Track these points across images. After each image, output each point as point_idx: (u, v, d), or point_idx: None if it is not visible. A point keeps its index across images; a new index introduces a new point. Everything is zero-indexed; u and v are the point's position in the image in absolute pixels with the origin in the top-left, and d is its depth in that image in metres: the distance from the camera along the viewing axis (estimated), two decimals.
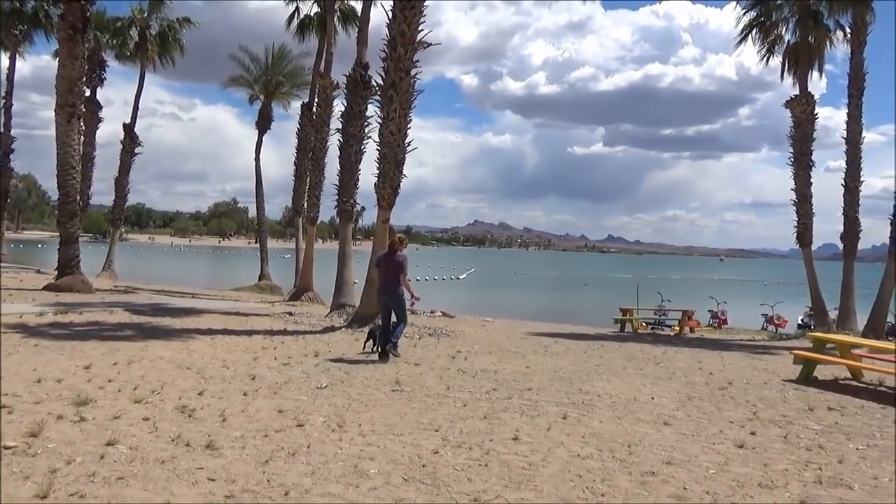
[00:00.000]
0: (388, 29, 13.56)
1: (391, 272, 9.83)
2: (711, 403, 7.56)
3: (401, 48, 13.38)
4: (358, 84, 16.80)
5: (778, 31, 20.28)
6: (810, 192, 19.19)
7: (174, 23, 29.88)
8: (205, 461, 4.65)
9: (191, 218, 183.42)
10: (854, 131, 18.29)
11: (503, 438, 5.62)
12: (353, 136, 16.92)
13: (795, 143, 19.24)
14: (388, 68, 13.60)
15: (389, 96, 13.51)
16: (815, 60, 19.86)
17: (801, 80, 19.56)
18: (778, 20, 20.20)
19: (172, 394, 6.64)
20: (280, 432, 5.48)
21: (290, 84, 32.15)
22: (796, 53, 19.78)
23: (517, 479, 4.64)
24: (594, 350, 12.21)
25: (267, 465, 4.65)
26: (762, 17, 20.25)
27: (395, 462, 4.87)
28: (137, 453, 4.73)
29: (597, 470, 4.92)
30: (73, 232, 19.31)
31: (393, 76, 13.50)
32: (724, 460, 5.32)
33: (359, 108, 16.88)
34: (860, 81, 18.37)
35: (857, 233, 18.33)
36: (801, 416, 7.07)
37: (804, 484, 4.84)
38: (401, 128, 13.58)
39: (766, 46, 20.41)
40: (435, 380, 8.22)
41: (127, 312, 14.13)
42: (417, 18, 13.46)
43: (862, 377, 9.62)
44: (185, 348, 9.71)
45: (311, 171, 23.45)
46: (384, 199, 13.75)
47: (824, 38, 19.67)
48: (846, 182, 18.33)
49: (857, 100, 18.34)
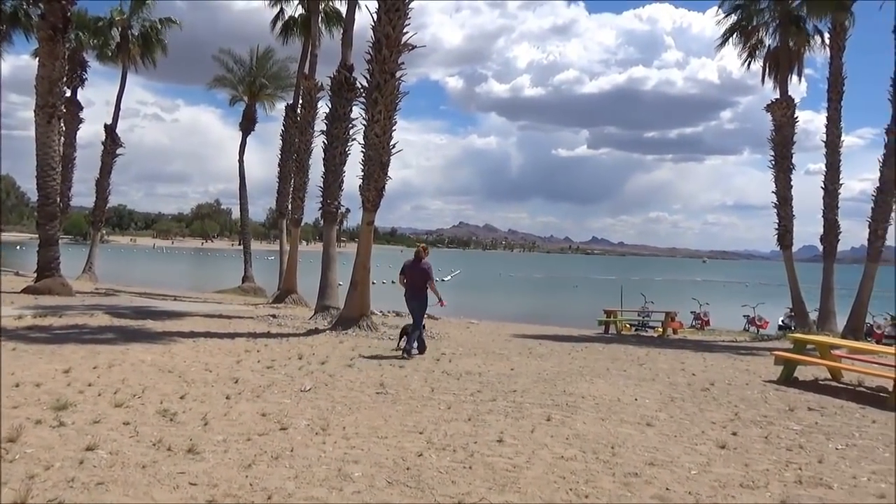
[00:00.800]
0: (373, 31, 13.53)
1: (419, 278, 10.70)
2: (694, 404, 7.62)
3: (385, 50, 13.35)
4: (342, 86, 16.74)
5: (759, 35, 20.50)
6: (791, 194, 19.39)
7: (156, 23, 29.63)
8: (186, 465, 4.61)
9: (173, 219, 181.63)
10: (833, 135, 18.53)
11: (487, 440, 5.63)
12: (338, 137, 16.85)
13: (776, 146, 19.44)
14: (372, 70, 13.56)
15: (374, 98, 13.47)
16: (795, 65, 20.11)
17: (782, 84, 19.79)
18: (759, 25, 20.41)
19: (154, 398, 6.57)
20: (263, 436, 5.45)
21: (274, 85, 32.01)
22: (777, 58, 20.01)
23: (501, 480, 4.65)
24: (578, 352, 12.25)
25: (249, 469, 4.61)
26: (743, 21, 20.46)
27: (379, 465, 4.86)
28: (117, 458, 4.68)
29: (580, 471, 4.94)
30: (53, 234, 19.08)
31: (378, 78, 13.47)
32: (706, 461, 5.36)
33: (343, 109, 16.81)
34: (839, 86, 18.61)
35: (836, 235, 18.55)
36: (781, 417, 7.14)
37: (785, 484, 4.89)
38: (385, 130, 13.55)
39: (747, 51, 20.64)
40: (419, 382, 8.21)
41: (108, 315, 13.98)
42: (402, 21, 13.44)
43: (842, 377, 9.75)
44: (167, 351, 9.61)
45: (295, 173, 23.32)
46: (369, 200, 13.71)
47: (804, 43, 19.92)
48: (826, 185, 18.54)
49: (836, 104, 18.59)
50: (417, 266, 10.77)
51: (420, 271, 10.72)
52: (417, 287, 10.73)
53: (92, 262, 28.99)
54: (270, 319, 15.45)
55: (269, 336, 12.24)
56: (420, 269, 10.72)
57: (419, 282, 10.72)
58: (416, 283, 10.74)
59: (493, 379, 8.67)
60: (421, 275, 10.71)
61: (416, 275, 10.74)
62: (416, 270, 10.75)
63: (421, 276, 10.71)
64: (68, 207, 30.54)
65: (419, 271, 10.72)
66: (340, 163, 17.06)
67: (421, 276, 10.71)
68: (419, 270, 10.72)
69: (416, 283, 10.73)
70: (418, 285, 10.73)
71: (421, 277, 10.71)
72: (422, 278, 10.71)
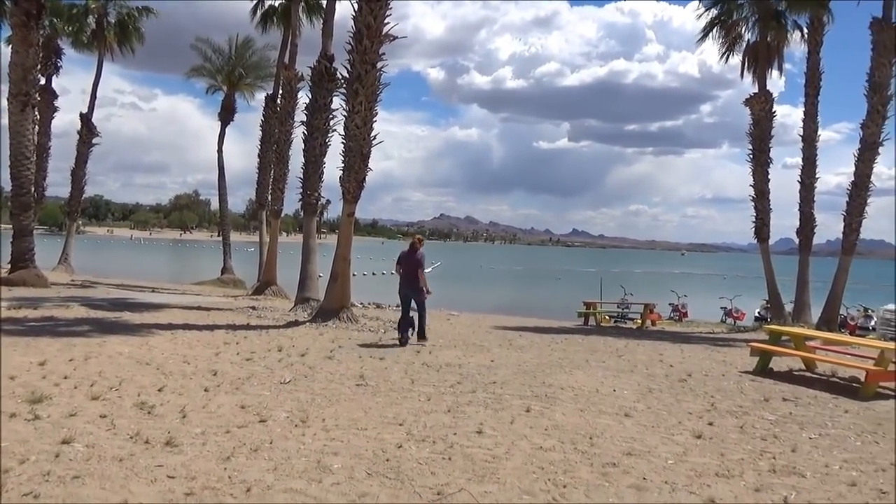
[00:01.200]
0: (354, 21, 13.44)
1: (412, 267, 11.36)
2: (671, 395, 7.71)
3: (367, 41, 13.28)
4: (323, 76, 16.63)
5: (738, 29, 20.64)
6: (768, 188, 19.60)
7: (133, 11, 29.15)
8: (164, 458, 4.58)
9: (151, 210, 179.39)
10: (810, 129, 18.79)
11: (467, 432, 5.66)
12: (318, 128, 16.76)
13: (754, 140, 19.63)
14: (353, 61, 13.49)
15: (355, 89, 13.41)
16: (775, 59, 20.31)
17: (760, 79, 19.95)
18: (739, 19, 20.55)
19: (131, 390, 6.52)
20: (242, 428, 5.42)
21: (253, 75, 31.65)
22: (756, 52, 20.17)
23: (480, 472, 4.68)
24: (558, 343, 12.33)
25: (228, 462, 4.60)
26: (723, 15, 20.58)
27: (358, 457, 4.87)
28: (94, 451, 4.64)
29: (559, 462, 4.98)
30: (28, 224, 18.77)
31: (359, 69, 13.40)
32: (682, 450, 5.43)
33: (324, 100, 16.71)
34: (816, 81, 18.86)
35: (812, 228, 18.85)
36: (756, 407, 7.26)
37: (759, 472, 4.98)
38: (366, 121, 13.50)
39: (726, 45, 20.74)
40: (399, 374, 8.22)
41: (84, 307, 13.80)
42: (384, 11, 13.37)
43: (816, 368, 9.93)
44: (145, 343, 9.53)
45: (275, 164, 23.16)
46: (349, 192, 13.66)
47: (783, 38, 20.12)
48: (802, 179, 18.80)
49: (813, 98, 18.84)
50: (412, 256, 11.42)
51: (414, 261, 11.38)
52: (411, 276, 11.36)
53: (68, 254, 28.55)
54: (250, 311, 15.36)
55: (249, 328, 12.18)
56: (414, 259, 11.39)
57: (412, 271, 11.36)
58: (409, 272, 11.39)
59: (473, 371, 8.70)
60: (414, 264, 11.37)
61: (410, 264, 11.39)
62: (411, 260, 11.41)
63: (414, 266, 11.36)
64: (43, 197, 29.99)
65: (413, 261, 11.39)
66: (321, 154, 16.98)
67: (414, 266, 11.36)
68: (413, 260, 11.39)
69: (410, 272, 11.38)
70: (412, 274, 11.36)
71: (414, 266, 11.35)
72: (414, 267, 11.35)
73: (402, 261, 11.54)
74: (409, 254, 11.50)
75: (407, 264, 11.44)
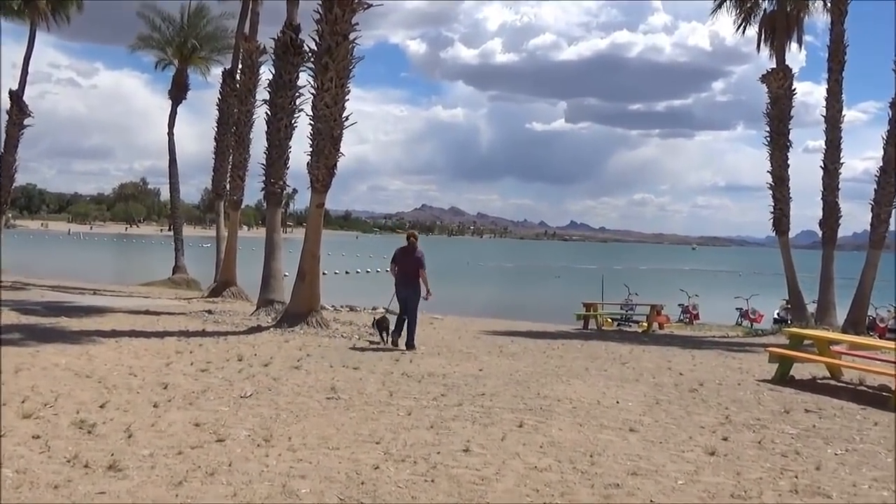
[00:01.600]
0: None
1: (411, 266, 11.55)
2: (681, 407, 7.76)
3: (337, 9, 13.21)
4: (288, 49, 16.52)
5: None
6: (788, 174, 19.74)
7: None
8: (107, 484, 4.54)
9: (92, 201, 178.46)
10: (834, 109, 18.83)
11: (452, 450, 5.65)
12: (283, 108, 16.66)
13: (772, 120, 19.74)
14: (322, 31, 13.42)
15: (324, 63, 13.33)
16: (794, 31, 20.39)
17: (779, 52, 20.09)
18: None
19: (69, 407, 6.45)
20: (196, 449, 5.39)
21: (209, 48, 31.47)
22: (773, 23, 20.29)
23: (467, 495, 4.67)
24: (554, 350, 12.38)
25: (180, 487, 4.56)
26: None
27: (329, 479, 4.85)
28: (25, 477, 4.59)
29: (555, 483, 4.99)
30: None
31: (328, 40, 13.33)
32: (694, 469, 5.46)
33: (289, 76, 16.61)
34: (840, 54, 18.90)
35: (836, 219, 18.89)
36: (776, 420, 7.32)
37: (779, 493, 5.02)
38: (337, 100, 13.44)
39: (742, 15, 20.86)
40: (376, 385, 8.21)
41: (14, 312, 13.69)
42: None
43: (841, 376, 10.01)
44: (85, 353, 9.45)
45: (234, 148, 23.00)
46: (318, 180, 13.61)
47: (803, 7, 20.24)
48: (825, 164, 18.87)
49: (836, 74, 18.86)
50: (410, 254, 11.62)
51: (414, 259, 11.57)
52: (410, 276, 11.57)
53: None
54: (206, 315, 15.30)
55: (204, 334, 12.12)
56: (414, 258, 11.57)
57: (412, 270, 11.57)
58: (408, 272, 11.60)
59: (460, 381, 8.70)
60: (414, 263, 11.55)
61: (409, 263, 11.59)
62: (409, 258, 11.60)
63: (414, 265, 11.55)
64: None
65: (412, 259, 11.58)
66: (286, 137, 16.88)
67: (414, 265, 11.55)
68: (412, 258, 11.58)
69: (409, 271, 11.60)
70: (411, 274, 11.58)
71: (414, 265, 11.55)
72: (414, 266, 11.54)
73: (399, 260, 11.68)
74: (407, 252, 11.65)
75: (405, 263, 11.61)
